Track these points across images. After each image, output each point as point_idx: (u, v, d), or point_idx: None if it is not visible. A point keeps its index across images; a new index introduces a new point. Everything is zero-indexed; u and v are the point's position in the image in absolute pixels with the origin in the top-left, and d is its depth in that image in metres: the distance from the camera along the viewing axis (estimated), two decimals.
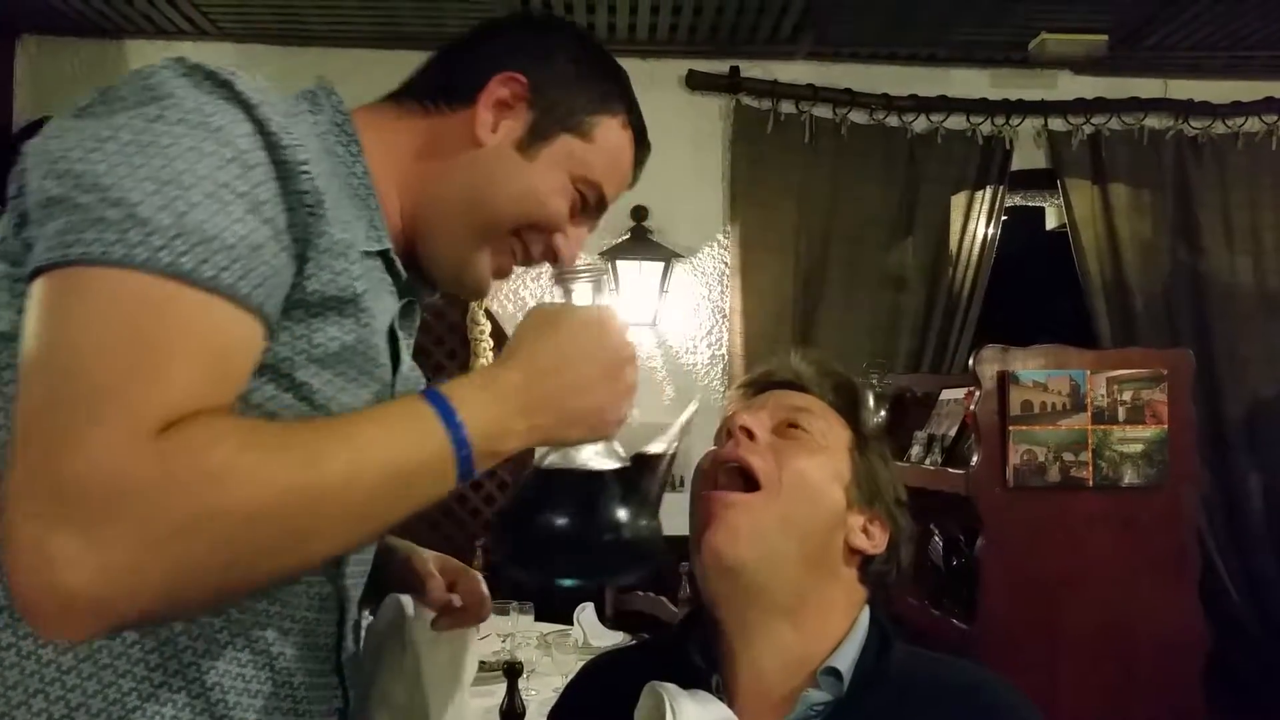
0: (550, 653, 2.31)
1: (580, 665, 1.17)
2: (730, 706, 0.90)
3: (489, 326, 3.68)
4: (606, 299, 1.23)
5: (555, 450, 0.84)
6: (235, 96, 0.72)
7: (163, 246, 0.66)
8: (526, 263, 0.97)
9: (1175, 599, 2.46)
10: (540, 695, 2.12)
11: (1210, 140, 3.81)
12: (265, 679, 0.80)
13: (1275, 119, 3.83)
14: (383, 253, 0.86)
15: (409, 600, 1.06)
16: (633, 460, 0.85)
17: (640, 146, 0.99)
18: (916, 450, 2.95)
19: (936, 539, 2.80)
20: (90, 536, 0.60)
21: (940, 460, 2.80)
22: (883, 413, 3.20)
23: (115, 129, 0.69)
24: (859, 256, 3.73)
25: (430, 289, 0.97)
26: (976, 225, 3.74)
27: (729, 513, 0.94)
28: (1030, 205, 4.20)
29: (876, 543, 0.99)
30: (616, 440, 0.85)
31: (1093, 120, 3.79)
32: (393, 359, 0.88)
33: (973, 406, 2.52)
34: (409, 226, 0.91)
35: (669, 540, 0.84)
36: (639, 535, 0.81)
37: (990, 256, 3.75)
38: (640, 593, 2.95)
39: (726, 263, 3.77)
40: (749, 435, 0.98)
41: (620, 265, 3.65)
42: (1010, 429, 2.46)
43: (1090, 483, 2.46)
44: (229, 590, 0.70)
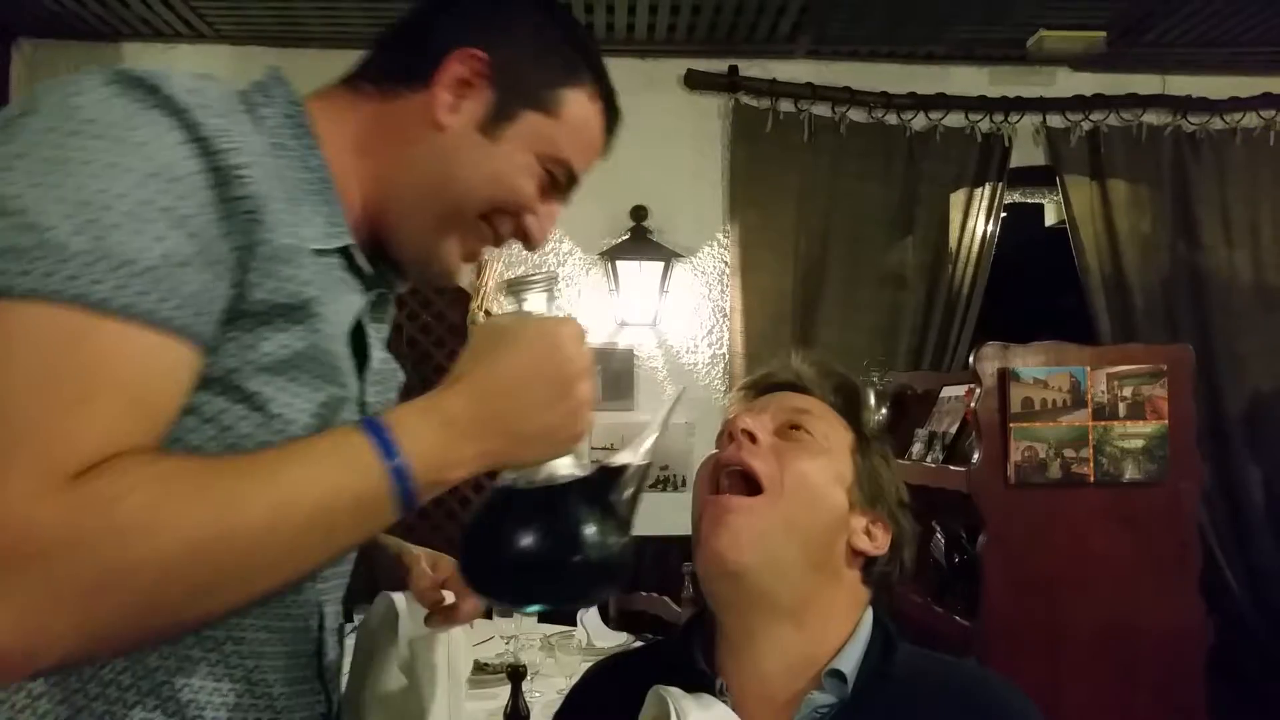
0: (554, 655, 2.30)
1: (584, 667, 1.17)
2: (734, 710, 0.89)
3: None
4: (560, 307, 1.21)
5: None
6: (165, 103, 0.69)
7: (74, 276, 0.62)
8: (497, 244, 0.94)
9: (1177, 594, 2.47)
10: (544, 698, 2.11)
11: (1209, 136, 3.81)
12: (243, 691, 0.78)
13: (1273, 114, 3.83)
14: (342, 249, 0.82)
15: (401, 597, 1.06)
16: (598, 473, 0.80)
17: (610, 113, 0.94)
18: (917, 448, 2.95)
19: (938, 536, 2.80)
20: None
21: (941, 458, 2.80)
22: (883, 411, 3.21)
23: (31, 146, 0.66)
24: (859, 254, 3.73)
25: (401, 278, 0.94)
26: (976, 222, 3.74)
27: (731, 517, 0.93)
28: (1029, 202, 4.19)
29: (879, 544, 0.99)
30: (584, 448, 0.80)
31: (1091, 117, 3.79)
32: (363, 355, 0.85)
33: (973, 404, 2.52)
34: (373, 217, 0.88)
35: (672, 540, 0.82)
36: (606, 555, 0.76)
37: (990, 253, 3.75)
38: (643, 593, 2.95)
39: (726, 262, 3.76)
40: (751, 438, 0.97)
41: (620, 265, 3.64)
42: (1011, 426, 2.46)
43: (1091, 479, 2.46)
44: (157, 633, 0.69)
